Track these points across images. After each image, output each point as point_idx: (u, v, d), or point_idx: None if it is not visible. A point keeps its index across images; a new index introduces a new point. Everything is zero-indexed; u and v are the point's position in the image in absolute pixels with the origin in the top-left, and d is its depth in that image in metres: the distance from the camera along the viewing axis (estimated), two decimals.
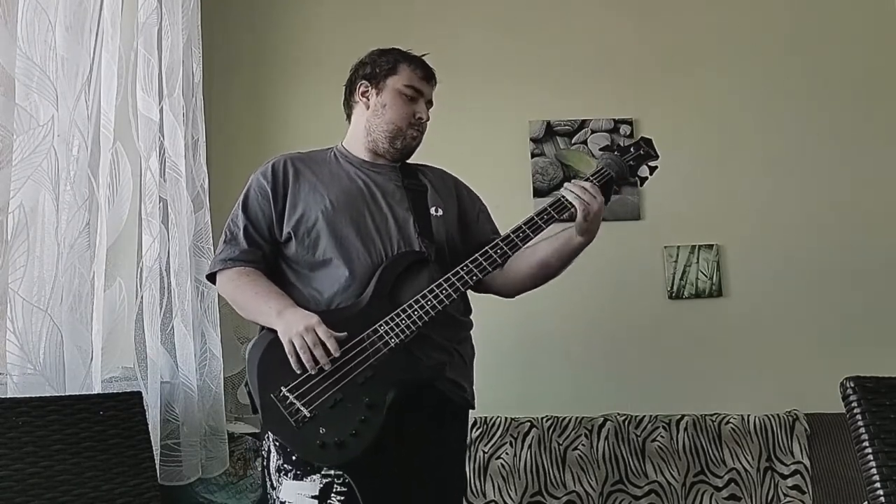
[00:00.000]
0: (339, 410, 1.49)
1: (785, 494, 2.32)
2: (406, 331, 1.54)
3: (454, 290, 1.58)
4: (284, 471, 1.53)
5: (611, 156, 1.79)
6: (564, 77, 2.82)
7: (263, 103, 2.81)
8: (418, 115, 1.75)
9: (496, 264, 1.62)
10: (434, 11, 2.85)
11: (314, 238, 1.65)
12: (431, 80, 1.79)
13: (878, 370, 1.47)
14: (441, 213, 1.74)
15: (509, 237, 1.64)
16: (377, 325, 1.55)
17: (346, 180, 1.72)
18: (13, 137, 1.59)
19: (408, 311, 1.55)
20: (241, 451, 2.24)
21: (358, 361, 1.52)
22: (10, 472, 1.50)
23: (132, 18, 2.03)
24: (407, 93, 1.74)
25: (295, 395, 1.49)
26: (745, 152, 2.78)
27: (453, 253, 1.74)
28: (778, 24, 2.85)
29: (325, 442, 1.47)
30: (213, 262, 1.72)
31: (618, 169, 1.75)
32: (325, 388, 1.50)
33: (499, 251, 1.62)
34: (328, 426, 1.48)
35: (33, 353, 1.60)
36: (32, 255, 1.62)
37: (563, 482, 2.34)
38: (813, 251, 2.71)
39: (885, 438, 1.34)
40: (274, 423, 1.51)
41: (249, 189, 1.72)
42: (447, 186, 1.84)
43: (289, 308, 1.57)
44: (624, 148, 1.82)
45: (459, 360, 1.70)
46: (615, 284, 2.70)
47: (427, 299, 1.56)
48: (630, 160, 1.79)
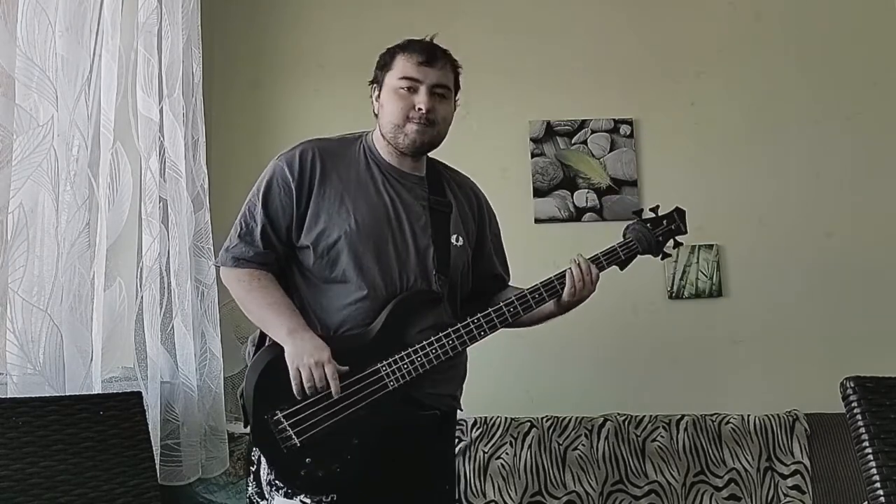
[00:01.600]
0: (328, 444, 1.50)
1: (785, 494, 2.32)
2: (407, 376, 1.54)
3: (461, 343, 1.58)
4: (276, 486, 1.54)
5: (642, 228, 1.76)
6: (564, 77, 2.81)
7: (263, 103, 2.81)
8: (418, 107, 1.61)
9: (507, 323, 1.63)
10: (434, 11, 2.85)
11: (333, 257, 1.60)
12: (435, 61, 1.63)
13: (878, 370, 1.47)
14: (461, 244, 1.70)
15: (525, 297, 1.64)
16: (380, 364, 1.54)
17: (373, 194, 1.64)
18: (13, 137, 1.60)
19: (412, 356, 1.55)
20: (241, 451, 2.24)
21: (354, 399, 1.52)
22: (10, 472, 1.50)
23: (132, 18, 2.03)
24: (402, 86, 1.62)
25: (289, 421, 1.50)
26: (744, 152, 2.77)
27: (464, 280, 1.74)
28: (778, 24, 2.85)
29: (308, 472, 1.49)
30: (223, 255, 1.66)
31: (646, 245, 1.75)
32: (318, 421, 1.50)
33: (511, 309, 1.63)
34: (314, 457, 1.49)
35: (33, 354, 1.60)
36: (32, 255, 1.62)
37: (563, 482, 2.34)
38: (813, 251, 2.70)
39: (885, 438, 1.34)
40: (262, 443, 1.52)
41: (273, 179, 1.63)
42: (471, 205, 1.79)
43: (300, 330, 1.54)
44: (656, 220, 1.79)
45: (455, 374, 1.70)
46: (615, 284, 2.69)
47: (433, 347, 1.56)
48: (660, 235, 1.78)
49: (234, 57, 2.81)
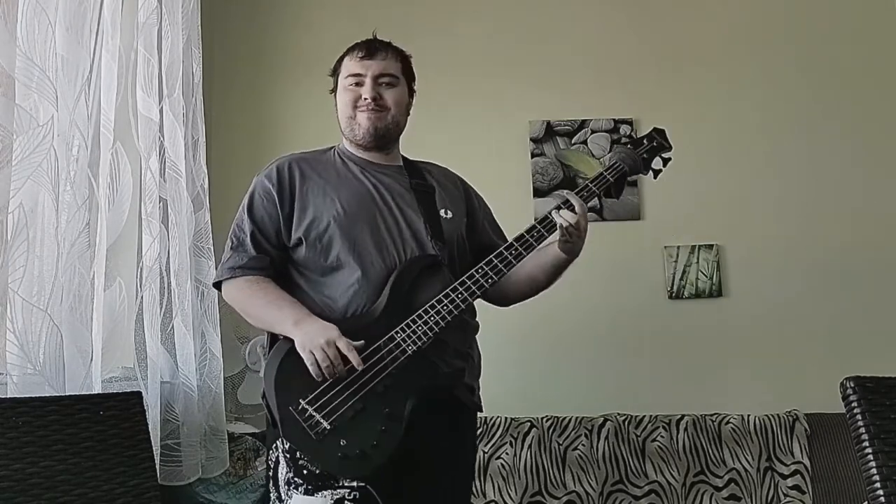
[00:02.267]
0: (360, 421, 1.48)
1: (785, 494, 2.32)
2: (423, 337, 1.53)
3: (470, 293, 1.57)
4: (295, 484, 1.51)
5: (624, 149, 1.77)
6: (564, 77, 2.82)
7: (263, 103, 2.81)
8: (364, 97, 1.67)
9: (511, 265, 1.60)
10: (434, 11, 2.85)
11: (326, 243, 1.61)
12: (376, 54, 1.69)
13: (878, 370, 1.47)
14: (450, 216, 1.71)
15: (523, 237, 1.61)
16: (394, 332, 1.53)
17: (354, 182, 1.69)
18: (13, 137, 1.60)
19: (424, 317, 1.54)
20: (241, 451, 2.24)
21: (376, 371, 1.50)
22: (10, 472, 1.50)
23: (132, 18, 2.03)
24: (349, 83, 1.69)
25: (314, 407, 1.48)
26: (745, 152, 2.78)
27: (462, 255, 1.73)
28: (778, 24, 2.85)
29: (346, 454, 1.46)
30: (220, 270, 1.68)
31: (631, 163, 1.74)
32: (344, 400, 1.48)
33: (513, 251, 1.60)
34: (349, 437, 1.46)
35: (33, 353, 1.60)
36: (32, 255, 1.62)
37: (563, 482, 2.34)
38: (813, 251, 2.71)
39: (885, 438, 1.34)
40: (294, 437, 1.48)
41: (254, 193, 1.68)
42: (455, 186, 1.82)
43: (305, 318, 1.54)
44: (637, 140, 1.80)
45: (472, 364, 1.70)
46: (615, 284, 2.70)
47: (443, 304, 1.55)
48: (643, 153, 1.77)
49: (234, 57, 2.81)
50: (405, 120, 1.75)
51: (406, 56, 1.76)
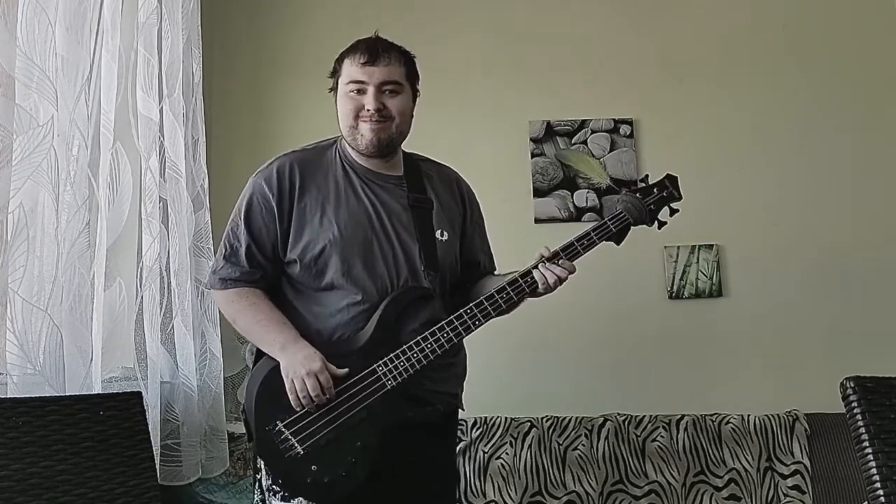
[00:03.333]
0: (332, 450, 1.51)
1: (785, 494, 2.32)
2: (404, 373, 1.54)
3: (456, 334, 1.57)
4: (273, 491, 1.56)
5: (632, 198, 1.70)
6: (564, 77, 2.81)
7: (263, 103, 2.81)
8: (367, 107, 1.61)
9: (500, 310, 1.61)
10: (434, 12, 2.85)
11: (321, 266, 1.61)
12: (378, 59, 1.61)
13: (878, 370, 1.47)
14: (446, 238, 1.69)
15: (517, 281, 1.61)
16: (376, 365, 1.54)
17: (353, 200, 1.65)
18: (13, 137, 1.60)
19: (407, 353, 1.55)
20: (241, 451, 2.24)
21: (354, 402, 1.53)
22: (10, 472, 1.50)
23: (132, 18, 2.03)
24: (350, 89, 1.63)
25: (290, 430, 1.51)
26: (744, 152, 2.77)
27: (452, 273, 1.73)
28: (777, 24, 2.85)
29: (315, 479, 1.50)
30: (211, 278, 1.69)
31: (637, 214, 1.69)
32: (319, 427, 1.51)
33: (504, 296, 1.60)
34: (320, 464, 1.50)
35: (33, 353, 1.60)
36: (32, 255, 1.62)
37: (563, 482, 2.34)
38: (813, 251, 2.70)
39: (885, 438, 1.34)
40: (267, 455, 1.53)
41: (252, 198, 1.64)
42: (454, 197, 1.78)
43: (292, 343, 1.55)
44: (647, 188, 1.73)
45: (454, 372, 1.70)
46: (615, 284, 2.70)
47: (428, 342, 1.55)
48: (651, 203, 1.72)
49: (234, 57, 2.81)
50: (409, 126, 1.70)
51: (410, 57, 1.69)
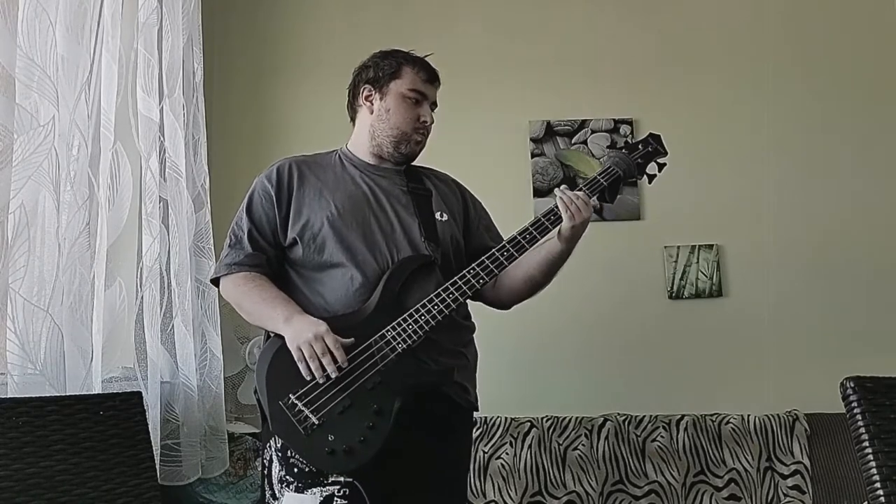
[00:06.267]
0: (348, 417, 1.49)
1: (785, 494, 2.32)
2: (413, 335, 1.54)
3: (461, 293, 1.58)
4: (286, 482, 1.53)
5: (618, 154, 1.77)
6: (564, 77, 2.81)
7: (263, 103, 2.81)
8: (423, 119, 1.73)
9: (503, 266, 1.61)
10: (434, 11, 2.85)
11: (320, 243, 1.64)
12: (435, 81, 1.77)
13: (878, 370, 1.47)
14: (446, 219, 1.73)
15: (515, 239, 1.62)
16: (384, 330, 1.54)
17: (350, 185, 1.71)
18: (13, 137, 1.60)
19: (415, 315, 1.55)
20: (241, 451, 2.24)
21: (366, 368, 1.52)
22: (10, 472, 1.50)
23: (132, 18, 2.03)
24: (410, 96, 1.72)
25: (303, 402, 1.49)
26: (745, 152, 2.77)
27: (458, 258, 1.73)
28: (778, 24, 2.85)
29: (334, 449, 1.47)
30: (217, 267, 1.71)
31: (625, 167, 1.74)
32: (333, 395, 1.49)
33: (504, 253, 1.61)
34: (337, 433, 1.48)
35: (33, 353, 1.60)
36: (33, 255, 1.62)
37: (563, 482, 2.34)
38: (813, 251, 2.71)
39: (885, 438, 1.34)
40: (283, 431, 1.50)
41: (254, 192, 1.71)
42: (452, 192, 1.83)
43: (296, 315, 1.56)
44: (632, 145, 1.80)
45: (466, 364, 1.70)
46: (615, 284, 2.70)
47: (434, 303, 1.56)
48: (638, 158, 1.78)
49: (234, 57, 2.81)
50: None
51: None
